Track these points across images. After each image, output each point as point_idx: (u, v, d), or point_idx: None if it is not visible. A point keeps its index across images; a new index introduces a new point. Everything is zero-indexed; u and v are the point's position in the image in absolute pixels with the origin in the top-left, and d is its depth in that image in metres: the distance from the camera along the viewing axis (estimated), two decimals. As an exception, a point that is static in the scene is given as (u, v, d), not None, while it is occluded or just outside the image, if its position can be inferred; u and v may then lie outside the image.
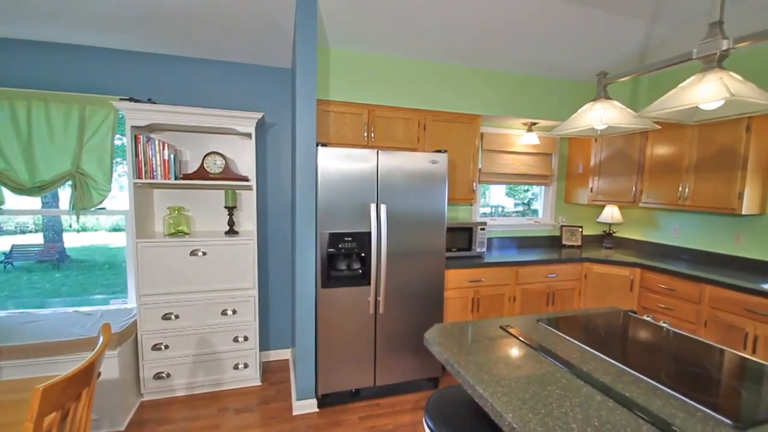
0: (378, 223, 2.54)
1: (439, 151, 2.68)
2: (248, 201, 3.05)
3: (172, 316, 2.61)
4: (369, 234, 2.54)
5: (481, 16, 2.51)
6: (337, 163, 2.44)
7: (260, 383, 2.89)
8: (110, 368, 2.30)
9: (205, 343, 2.70)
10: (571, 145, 3.89)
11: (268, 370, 3.13)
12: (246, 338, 2.78)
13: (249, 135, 2.75)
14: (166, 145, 2.57)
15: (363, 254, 2.57)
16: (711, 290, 2.62)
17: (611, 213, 3.80)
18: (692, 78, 1.34)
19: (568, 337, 1.57)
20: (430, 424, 1.40)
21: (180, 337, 2.64)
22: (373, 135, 2.92)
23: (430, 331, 1.60)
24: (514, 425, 1.00)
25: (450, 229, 3.15)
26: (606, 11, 2.54)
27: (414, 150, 3.02)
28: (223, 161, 2.76)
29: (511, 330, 1.62)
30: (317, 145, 2.40)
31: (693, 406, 1.10)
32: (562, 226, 3.94)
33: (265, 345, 3.31)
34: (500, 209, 3.99)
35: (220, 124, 2.60)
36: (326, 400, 2.61)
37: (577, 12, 2.53)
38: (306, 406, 2.55)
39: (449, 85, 3.11)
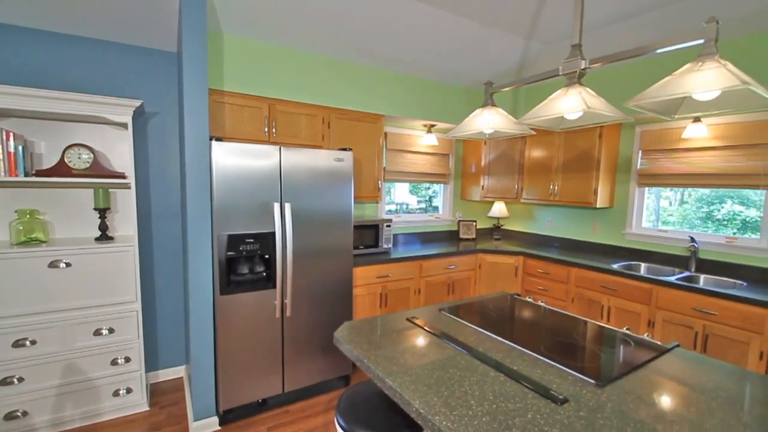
0: (282, 222, 2.43)
1: (345, 149, 2.67)
2: (126, 201, 2.65)
3: (27, 342, 2.14)
4: (273, 234, 2.41)
5: (380, 18, 2.57)
6: (235, 159, 2.26)
7: (148, 408, 2.55)
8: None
9: (73, 371, 2.27)
10: (465, 146, 4.24)
11: (157, 392, 2.77)
12: (128, 359, 2.42)
13: (125, 125, 2.39)
14: (11, 134, 2.09)
15: (267, 256, 2.43)
16: (576, 272, 3.10)
17: (499, 208, 4.24)
18: (558, 92, 1.55)
19: (466, 323, 1.69)
20: (341, 422, 1.38)
21: (39, 367, 2.18)
22: (275, 131, 2.78)
23: (340, 330, 1.58)
24: (421, 410, 1.04)
25: (357, 227, 3.17)
26: (493, 27, 2.81)
27: (319, 147, 2.97)
28: (91, 155, 2.36)
29: (416, 321, 1.69)
30: (211, 139, 2.20)
31: (565, 371, 1.27)
32: (459, 221, 4.27)
33: (152, 365, 2.92)
34: (404, 206, 4.16)
35: (86, 111, 2.21)
36: (229, 416, 2.41)
37: (468, 25, 2.75)
38: (205, 426, 2.32)
39: (354, 84, 3.12)
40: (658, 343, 1.51)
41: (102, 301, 2.34)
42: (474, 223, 4.26)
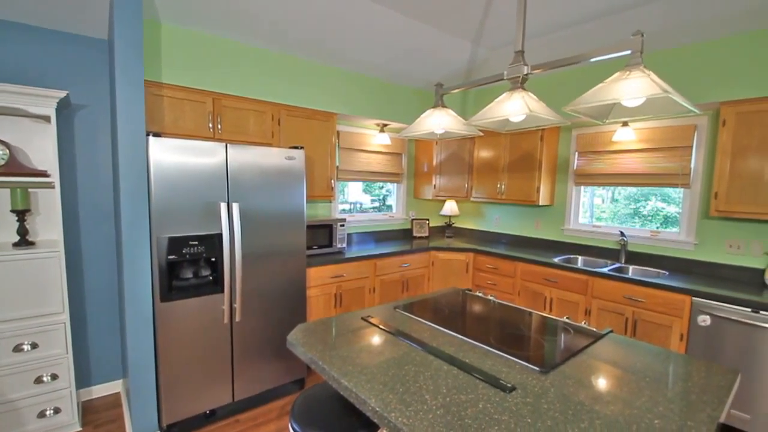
0: (230, 223, 2.32)
1: (296, 148, 2.61)
2: (49, 202, 2.39)
3: (-77, 367, 1.86)
4: (220, 236, 2.30)
5: (332, 16, 2.54)
6: (176, 156, 2.12)
7: (80, 428, 2.32)
8: None
9: (-15, 395, 2.01)
10: (418, 146, 4.31)
11: (91, 410, 2.53)
12: (54, 376, 2.19)
13: (47, 118, 2.16)
14: None
15: (213, 259, 2.31)
16: (522, 266, 3.27)
17: (451, 207, 4.37)
18: (503, 95, 1.62)
19: (420, 319, 1.72)
20: (295, 427, 1.34)
21: (-61, 394, 1.91)
22: (220, 127, 2.65)
23: (293, 332, 1.54)
24: (377, 408, 1.04)
25: (310, 227, 3.11)
26: (443, 31, 2.88)
27: (269, 145, 2.87)
28: (6, 151, 2.10)
29: (371, 320, 1.69)
30: (148, 135, 2.04)
31: (513, 361, 1.33)
32: (412, 219, 4.34)
33: (85, 380, 2.67)
34: (358, 205, 4.15)
35: (0, 102, 1.96)
36: (174, 430, 2.26)
37: (420, 28, 2.79)
38: (146, 443, 2.16)
39: (305, 81, 3.05)
40: (594, 329, 1.63)
41: (22, 313, 2.09)
42: (427, 222, 4.35)
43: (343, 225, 3.32)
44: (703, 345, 2.34)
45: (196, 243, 2.22)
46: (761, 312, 2.13)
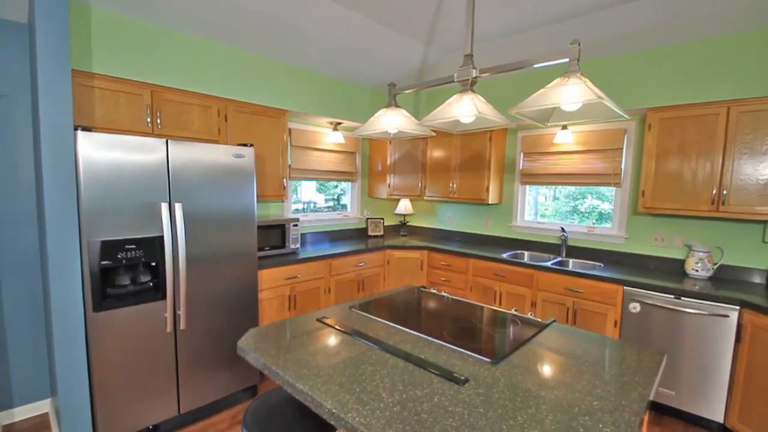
0: (172, 225, 2.17)
1: (245, 145, 2.50)
2: (-43, 204, 2.10)
3: None
4: (161, 238, 2.15)
5: (283, 10, 2.46)
6: (110, 153, 1.95)
7: (-4, 459, 2.07)
8: None
9: None
10: (372, 145, 4.32)
11: (10, 437, 2.27)
12: (-37, 402, 1.93)
13: (-49, 108, 1.89)
14: None
15: (154, 263, 2.15)
16: (473, 262, 3.39)
17: (405, 205, 4.42)
18: (454, 97, 1.66)
19: (376, 318, 1.72)
20: (246, 437, 1.28)
21: None
22: (159, 122, 2.47)
23: (245, 338, 1.47)
24: (334, 410, 1.02)
25: (261, 228, 3.00)
26: (395, 31, 2.90)
27: (215, 142, 2.73)
28: None
29: (327, 321, 1.66)
30: (76, 129, 1.86)
31: (466, 354, 1.37)
32: (367, 218, 4.33)
33: (5, 402, 2.38)
34: (312, 205, 4.07)
35: None
36: (111, 450, 2.08)
37: (373, 27, 2.79)
38: (79, 468, 1.97)
39: (256, 76, 2.93)
40: (539, 320, 1.73)
41: None
42: (382, 221, 4.37)
43: (296, 225, 3.25)
44: (635, 330, 2.56)
45: (134, 247, 2.06)
46: (682, 298, 2.37)
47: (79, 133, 1.86)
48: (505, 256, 3.31)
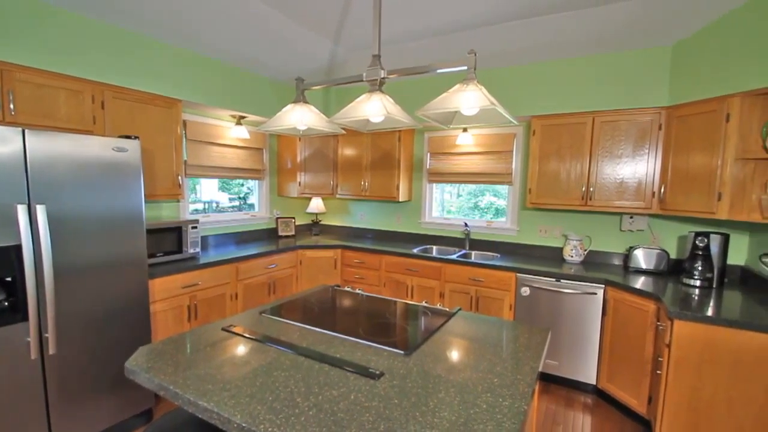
0: (34, 231, 1.81)
1: (129, 137, 2.19)
2: None
3: None
4: (18, 248, 1.77)
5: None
6: (-62, 142, 1.54)
7: None
8: None
9: None
10: (280, 142, 4.15)
11: None
12: None
13: None
14: None
15: (10, 278, 1.77)
16: (386, 258, 3.47)
17: (317, 204, 4.34)
18: (363, 96, 1.66)
19: (289, 321, 1.65)
20: (139, 470, 1.13)
21: None
22: (12, 107, 2.03)
23: (133, 358, 1.29)
24: (243, 424, 0.95)
25: (152, 231, 2.67)
26: (301, 24, 2.81)
27: (89, 133, 2.34)
28: None
29: (234, 329, 1.54)
30: None
31: (381, 348, 1.40)
32: (277, 218, 4.15)
33: None
34: (215, 205, 3.76)
35: None
36: None
37: (277, 17, 2.67)
38: None
39: (140, 60, 2.58)
40: (447, 309, 1.84)
41: None
42: (293, 220, 4.23)
43: (195, 227, 2.96)
44: (526, 311, 2.89)
45: (-22, 259, 1.66)
46: (562, 280, 2.74)
47: None
48: (415, 251, 3.46)
